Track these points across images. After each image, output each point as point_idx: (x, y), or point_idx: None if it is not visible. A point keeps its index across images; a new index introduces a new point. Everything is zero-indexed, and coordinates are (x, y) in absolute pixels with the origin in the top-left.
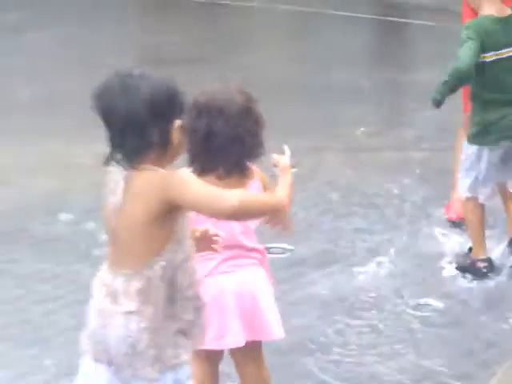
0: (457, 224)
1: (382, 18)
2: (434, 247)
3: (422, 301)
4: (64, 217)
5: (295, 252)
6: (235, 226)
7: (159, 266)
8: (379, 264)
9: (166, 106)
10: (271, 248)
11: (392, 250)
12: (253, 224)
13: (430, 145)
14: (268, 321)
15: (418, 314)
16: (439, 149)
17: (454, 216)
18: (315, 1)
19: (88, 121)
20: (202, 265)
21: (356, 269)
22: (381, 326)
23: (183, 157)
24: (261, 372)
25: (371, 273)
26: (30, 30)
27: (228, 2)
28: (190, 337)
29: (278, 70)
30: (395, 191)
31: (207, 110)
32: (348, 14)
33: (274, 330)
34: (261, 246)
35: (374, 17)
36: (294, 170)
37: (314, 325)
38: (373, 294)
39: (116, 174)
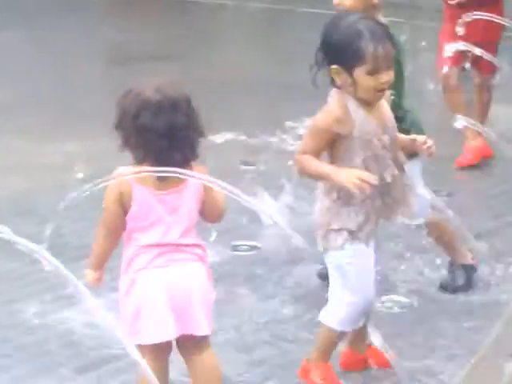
0: None
1: None
2: (399, 245)
3: (386, 297)
4: (33, 216)
5: (263, 250)
6: (175, 228)
7: None
8: None
9: None
10: (238, 245)
11: None
12: (194, 219)
13: None
14: (197, 316)
15: (383, 310)
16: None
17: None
18: None
19: (58, 120)
20: (139, 258)
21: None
22: None
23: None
24: (209, 362)
25: None
26: (0, 31)
27: (198, 0)
28: None
29: (250, 68)
30: None
31: (166, 106)
32: (321, 11)
33: (202, 325)
34: (201, 242)
35: None
36: (261, 167)
37: (283, 321)
38: None
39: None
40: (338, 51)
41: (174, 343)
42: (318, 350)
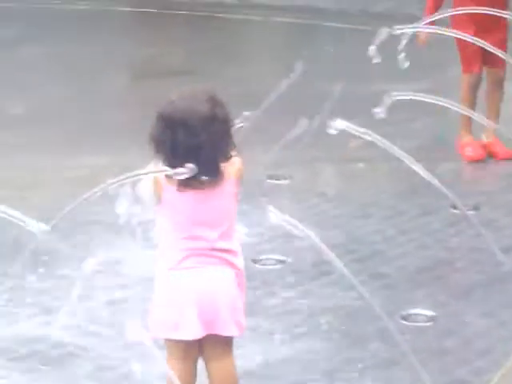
0: None
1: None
2: (425, 257)
3: (413, 311)
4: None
5: (288, 263)
6: (212, 229)
7: None
8: (370, 275)
9: None
10: (264, 259)
11: (382, 261)
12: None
13: (423, 156)
14: (224, 319)
15: (409, 323)
16: (433, 159)
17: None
18: (311, 13)
19: (82, 134)
20: (166, 257)
21: (348, 280)
22: (371, 336)
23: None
24: (229, 369)
25: (362, 284)
26: (23, 45)
27: (222, 15)
28: None
29: (274, 82)
30: (389, 202)
31: (171, 122)
32: (345, 25)
33: (229, 327)
34: (236, 248)
35: (367, 28)
36: (286, 181)
37: (303, 336)
38: (363, 304)
39: None
40: None
41: None
42: None
